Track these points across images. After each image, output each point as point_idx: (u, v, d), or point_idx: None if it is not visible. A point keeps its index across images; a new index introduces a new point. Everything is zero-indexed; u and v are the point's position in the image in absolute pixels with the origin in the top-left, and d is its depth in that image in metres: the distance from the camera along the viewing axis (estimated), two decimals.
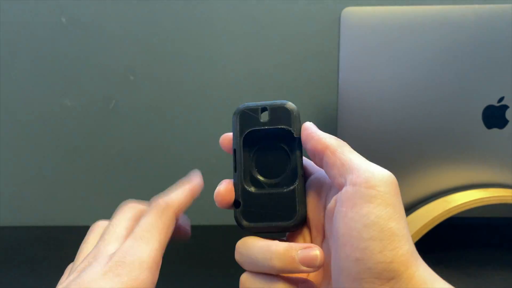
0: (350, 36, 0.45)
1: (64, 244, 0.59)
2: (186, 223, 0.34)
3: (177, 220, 0.30)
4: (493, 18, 0.43)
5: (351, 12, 0.44)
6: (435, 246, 0.50)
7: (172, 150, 0.64)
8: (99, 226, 0.33)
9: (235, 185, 0.29)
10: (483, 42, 0.44)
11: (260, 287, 0.26)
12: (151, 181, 0.65)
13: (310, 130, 0.27)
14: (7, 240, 0.61)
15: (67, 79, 0.62)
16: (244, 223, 0.28)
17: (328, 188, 0.27)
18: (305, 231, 0.28)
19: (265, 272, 0.26)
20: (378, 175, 0.23)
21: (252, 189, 0.28)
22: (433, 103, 0.45)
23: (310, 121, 0.28)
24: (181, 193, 0.30)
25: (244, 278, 0.27)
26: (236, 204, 0.28)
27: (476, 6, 0.43)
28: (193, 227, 0.36)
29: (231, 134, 0.30)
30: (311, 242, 0.28)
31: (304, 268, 0.24)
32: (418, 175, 0.47)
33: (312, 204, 0.28)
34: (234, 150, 0.29)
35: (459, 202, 0.43)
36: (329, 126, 0.62)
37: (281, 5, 0.59)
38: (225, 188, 0.28)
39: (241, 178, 0.28)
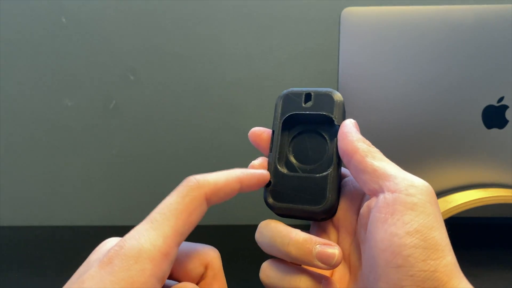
0: (350, 36, 0.45)
1: (64, 244, 0.59)
2: (209, 254, 0.26)
3: (208, 205, 0.24)
4: (493, 18, 0.43)
5: (351, 12, 0.44)
6: None
7: (172, 150, 0.64)
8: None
9: (268, 164, 0.28)
10: (483, 42, 0.44)
11: (281, 275, 0.26)
12: (151, 181, 0.65)
13: (346, 128, 0.26)
14: (7, 240, 0.61)
15: (67, 79, 0.62)
16: (271, 201, 0.27)
17: (360, 192, 0.27)
18: (332, 230, 0.28)
19: (280, 257, 0.26)
20: (418, 184, 0.23)
21: (285, 170, 0.28)
22: (433, 103, 0.45)
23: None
24: (223, 175, 0.25)
25: (266, 265, 0.27)
26: (267, 184, 0.28)
27: (476, 6, 0.43)
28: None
29: (259, 128, 0.30)
30: (337, 242, 0.27)
31: (319, 263, 0.24)
32: (418, 175, 0.47)
33: (344, 205, 0.27)
34: (273, 131, 0.29)
35: (459, 202, 0.43)
36: None
37: (281, 5, 0.59)
38: (259, 163, 0.28)
39: (275, 159, 0.28)
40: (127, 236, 0.22)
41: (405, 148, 0.47)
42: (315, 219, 0.27)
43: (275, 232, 0.26)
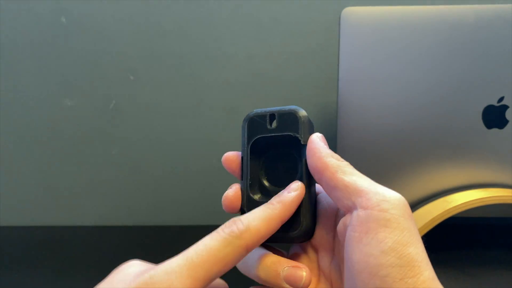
0: (350, 36, 0.45)
1: (64, 244, 0.59)
2: None
3: (247, 253, 0.23)
4: (493, 18, 0.43)
5: (351, 12, 0.44)
6: (435, 246, 0.50)
7: (172, 150, 0.64)
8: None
9: (242, 192, 0.28)
10: (483, 42, 0.44)
11: None
12: (151, 181, 0.65)
13: (313, 144, 0.25)
14: (7, 240, 0.61)
15: (68, 79, 0.62)
16: None
17: (334, 207, 0.26)
18: (310, 250, 0.27)
19: (258, 282, 0.26)
20: (390, 198, 0.22)
21: (258, 196, 0.27)
22: (433, 103, 0.45)
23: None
24: (264, 222, 0.24)
25: None
26: (241, 212, 0.27)
27: (476, 6, 0.43)
28: (193, 227, 0.36)
29: (232, 153, 0.29)
30: (318, 262, 0.27)
31: (287, 286, 0.24)
32: (418, 175, 0.47)
33: (320, 223, 0.27)
34: (242, 158, 0.28)
35: (459, 202, 0.43)
36: (329, 126, 0.62)
37: (282, 5, 0.59)
38: (233, 193, 0.27)
39: (247, 187, 0.27)
40: (160, 268, 0.21)
41: (405, 148, 0.47)
42: (294, 242, 0.27)
43: (246, 258, 0.25)
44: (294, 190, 0.25)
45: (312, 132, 0.27)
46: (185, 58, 0.62)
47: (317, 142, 0.25)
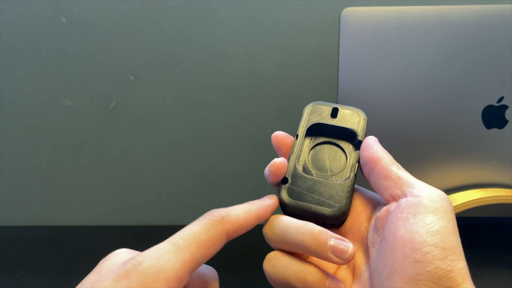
0: (350, 36, 0.45)
1: (64, 244, 0.59)
2: (209, 276, 0.28)
3: (227, 240, 0.25)
4: (493, 18, 0.43)
5: (351, 12, 0.44)
6: None
7: (172, 150, 0.64)
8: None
9: (289, 162, 0.29)
10: (483, 42, 0.44)
11: (288, 265, 0.26)
12: (151, 181, 0.65)
13: (371, 141, 0.29)
14: (7, 240, 0.61)
15: (68, 79, 0.62)
16: (285, 197, 0.28)
17: (374, 203, 0.28)
18: None
19: (289, 249, 0.26)
20: (439, 193, 0.24)
21: (303, 172, 0.29)
22: (432, 103, 0.45)
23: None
24: (243, 213, 0.26)
25: (272, 255, 0.27)
26: (284, 180, 0.29)
27: (476, 6, 0.43)
28: None
29: (283, 133, 0.31)
30: None
31: (331, 256, 0.25)
32: (417, 175, 0.46)
33: (354, 214, 0.28)
34: (296, 136, 0.31)
35: (459, 202, 0.43)
36: None
37: (281, 5, 0.59)
38: (281, 162, 0.29)
39: (295, 160, 0.29)
40: (146, 253, 0.22)
41: (405, 148, 0.47)
42: (324, 223, 0.28)
43: (288, 223, 0.26)
44: (270, 199, 0.28)
45: (367, 134, 0.30)
46: (185, 58, 0.62)
47: (374, 140, 0.29)
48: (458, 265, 0.22)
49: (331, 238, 0.25)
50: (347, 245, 0.25)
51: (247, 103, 0.62)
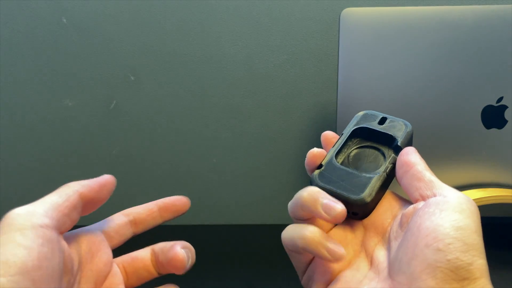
0: (349, 36, 0.45)
1: None
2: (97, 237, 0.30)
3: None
4: (493, 18, 0.43)
5: (351, 12, 0.44)
6: None
7: (172, 150, 0.65)
8: None
9: (327, 154, 0.31)
10: (482, 42, 0.44)
11: (296, 228, 0.28)
12: (151, 181, 0.65)
13: (411, 150, 0.30)
14: None
15: (68, 79, 0.63)
16: (317, 180, 0.30)
17: (403, 204, 0.29)
18: (359, 228, 0.30)
19: (296, 211, 0.28)
20: (468, 198, 0.25)
21: (338, 162, 0.31)
22: (432, 103, 0.45)
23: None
24: (89, 181, 0.30)
25: (288, 226, 0.29)
26: (319, 166, 0.31)
27: (476, 6, 0.43)
28: (194, 227, 0.36)
29: (332, 133, 0.33)
30: (362, 240, 0.30)
31: (321, 211, 0.27)
32: None
33: (381, 208, 0.30)
34: (342, 134, 0.33)
35: None
36: (329, 125, 0.62)
37: (281, 5, 0.59)
38: (318, 151, 0.31)
39: (334, 152, 0.31)
40: (23, 207, 0.26)
41: None
42: (347, 210, 0.29)
43: (301, 190, 0.29)
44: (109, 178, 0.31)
45: (410, 145, 0.32)
46: (185, 58, 0.62)
47: (414, 149, 0.31)
48: (478, 261, 0.22)
49: (325, 199, 0.27)
50: (338, 206, 0.26)
51: (247, 103, 0.63)
